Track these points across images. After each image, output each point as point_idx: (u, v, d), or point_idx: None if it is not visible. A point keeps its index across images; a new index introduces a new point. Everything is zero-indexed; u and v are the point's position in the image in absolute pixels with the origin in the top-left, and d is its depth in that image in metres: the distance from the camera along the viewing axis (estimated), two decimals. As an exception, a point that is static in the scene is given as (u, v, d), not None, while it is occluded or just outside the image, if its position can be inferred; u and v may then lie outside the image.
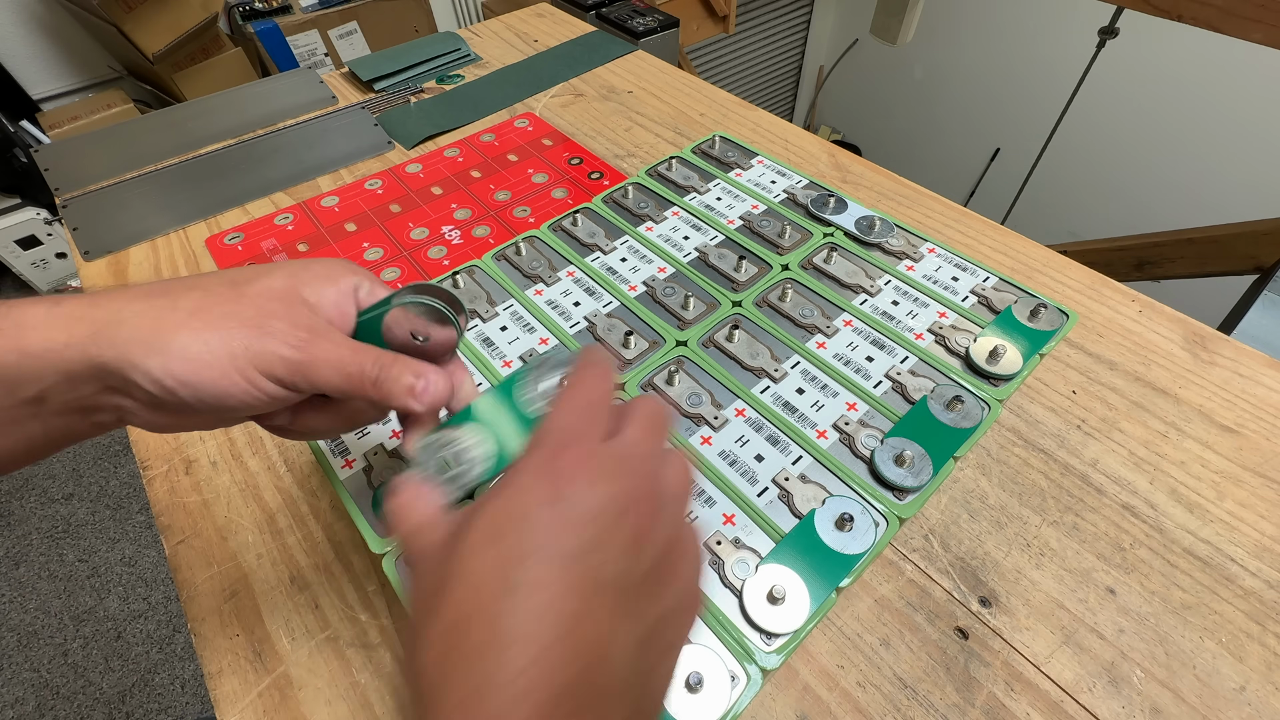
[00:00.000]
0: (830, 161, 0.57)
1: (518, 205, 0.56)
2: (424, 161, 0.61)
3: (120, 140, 0.66)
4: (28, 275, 1.67)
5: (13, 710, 1.10)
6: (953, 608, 0.31)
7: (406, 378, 0.24)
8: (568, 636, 0.15)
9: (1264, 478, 0.34)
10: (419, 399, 0.24)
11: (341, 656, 0.31)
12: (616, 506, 0.17)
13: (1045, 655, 0.29)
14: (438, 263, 0.51)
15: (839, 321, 0.41)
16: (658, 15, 1.22)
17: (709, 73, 2.24)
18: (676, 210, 0.49)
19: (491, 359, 0.39)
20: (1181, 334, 0.41)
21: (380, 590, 0.33)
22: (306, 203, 0.57)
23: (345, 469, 0.33)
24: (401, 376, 0.23)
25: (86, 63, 1.70)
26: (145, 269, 0.53)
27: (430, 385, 0.24)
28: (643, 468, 0.18)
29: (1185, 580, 0.31)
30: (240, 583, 0.34)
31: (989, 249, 0.48)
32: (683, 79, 0.71)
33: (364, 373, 0.23)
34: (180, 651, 1.17)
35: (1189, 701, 0.27)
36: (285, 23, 1.64)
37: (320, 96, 0.71)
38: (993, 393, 0.37)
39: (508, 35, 0.82)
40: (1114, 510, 0.33)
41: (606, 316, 0.41)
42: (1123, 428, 0.37)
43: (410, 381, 0.24)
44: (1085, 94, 1.39)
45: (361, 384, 0.23)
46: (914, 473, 0.33)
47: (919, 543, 0.33)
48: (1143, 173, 1.74)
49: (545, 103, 0.69)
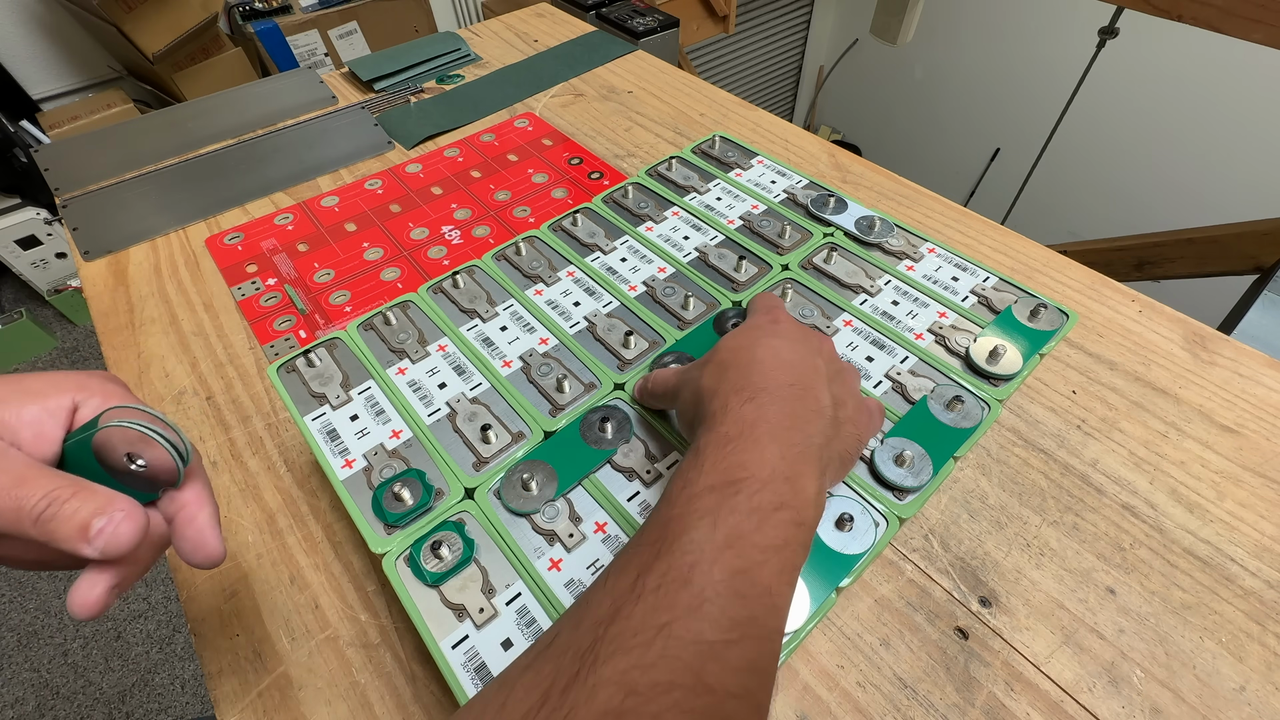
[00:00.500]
0: (830, 161, 0.57)
1: (518, 205, 0.56)
2: (424, 161, 0.61)
3: (120, 140, 0.66)
4: (28, 275, 1.67)
5: (13, 710, 1.10)
6: (953, 608, 0.31)
7: (81, 514, 0.19)
8: (791, 365, 0.27)
9: (1264, 478, 0.34)
10: (91, 543, 0.19)
11: (341, 656, 0.31)
12: (808, 333, 0.31)
13: (1045, 655, 0.29)
14: (438, 262, 0.51)
15: (839, 321, 0.41)
16: (658, 15, 1.22)
17: (709, 73, 2.24)
18: (676, 210, 0.49)
19: (491, 359, 0.39)
20: (1181, 334, 0.41)
21: (380, 590, 0.33)
22: (306, 203, 0.57)
23: (345, 469, 0.33)
24: (77, 513, 0.19)
25: (86, 63, 1.70)
26: (145, 269, 0.53)
27: (111, 527, 0.20)
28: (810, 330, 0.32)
29: (1185, 580, 0.31)
30: (240, 583, 0.34)
31: (989, 249, 0.48)
32: (683, 79, 0.71)
33: (21, 508, 0.19)
34: (180, 651, 1.17)
35: (1189, 701, 0.27)
36: (285, 23, 1.64)
37: (320, 96, 0.71)
38: (993, 393, 0.37)
39: (508, 35, 0.82)
40: (1114, 510, 0.34)
41: (606, 316, 0.41)
42: (1123, 428, 0.37)
43: (84, 519, 0.19)
44: (1085, 94, 1.39)
45: (19, 521, 0.19)
46: (914, 473, 0.33)
47: (919, 543, 0.33)
48: (1143, 173, 1.74)
49: (545, 103, 0.69)
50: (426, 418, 0.36)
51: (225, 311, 0.48)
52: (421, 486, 0.32)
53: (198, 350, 0.46)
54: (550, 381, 0.37)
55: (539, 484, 0.32)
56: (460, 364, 0.39)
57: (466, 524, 0.31)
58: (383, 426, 0.35)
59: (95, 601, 0.20)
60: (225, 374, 0.44)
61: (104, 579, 0.21)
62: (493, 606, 0.28)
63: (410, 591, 0.29)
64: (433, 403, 0.36)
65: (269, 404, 0.42)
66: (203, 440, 0.41)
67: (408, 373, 0.38)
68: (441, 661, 0.27)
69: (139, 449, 0.22)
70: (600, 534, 0.31)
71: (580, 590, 0.29)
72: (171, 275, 0.52)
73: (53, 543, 0.19)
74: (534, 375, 0.38)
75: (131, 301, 0.50)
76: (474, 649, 0.27)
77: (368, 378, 0.38)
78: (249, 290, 0.50)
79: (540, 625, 0.28)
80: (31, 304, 1.78)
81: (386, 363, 0.38)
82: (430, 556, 0.30)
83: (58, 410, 0.22)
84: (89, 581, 0.20)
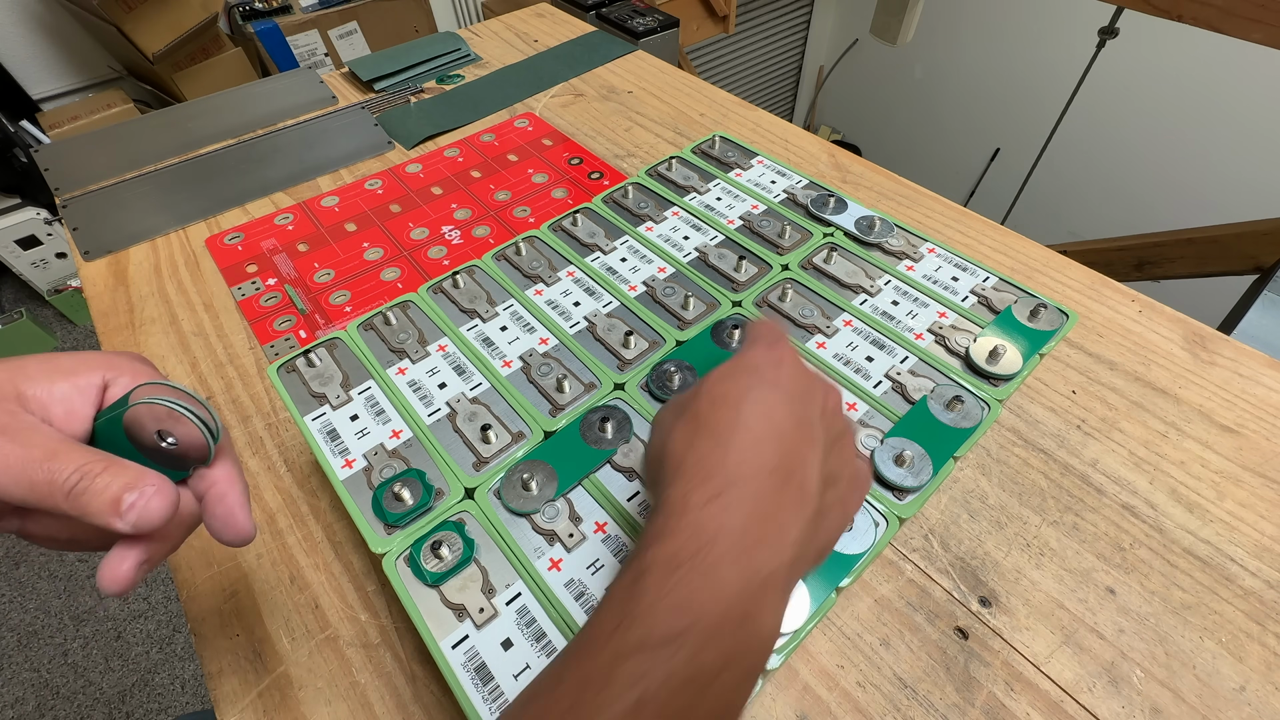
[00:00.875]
0: (830, 161, 0.57)
1: (518, 205, 0.56)
2: (424, 161, 0.61)
3: (120, 140, 0.66)
4: (28, 275, 1.67)
5: (13, 710, 1.10)
6: (953, 608, 0.31)
7: (113, 489, 0.19)
8: (780, 436, 0.22)
9: (1264, 478, 0.34)
10: (123, 517, 0.19)
11: (341, 656, 0.31)
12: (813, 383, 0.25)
13: (1045, 655, 0.29)
14: (438, 262, 0.51)
15: (839, 321, 0.41)
16: (658, 15, 1.22)
17: (709, 73, 2.24)
18: (676, 210, 0.49)
19: (491, 359, 0.39)
20: (1181, 334, 0.41)
21: (380, 590, 0.33)
22: (306, 203, 0.57)
23: (345, 469, 0.33)
24: (108, 488, 0.19)
25: (86, 63, 1.70)
26: (145, 269, 0.53)
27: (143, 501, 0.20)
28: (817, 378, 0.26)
29: (1185, 580, 0.31)
30: (240, 583, 0.34)
31: (989, 249, 0.48)
32: (683, 79, 0.71)
33: (54, 481, 0.19)
34: (180, 651, 1.17)
35: (1189, 701, 0.27)
36: (285, 23, 1.64)
37: (320, 96, 0.71)
38: (993, 393, 0.37)
39: (508, 35, 0.82)
40: (1114, 510, 0.34)
41: (606, 316, 0.41)
42: (1123, 428, 0.37)
43: (116, 493, 0.19)
44: (1085, 94, 1.39)
45: (51, 495, 0.19)
46: (914, 473, 0.33)
47: (919, 543, 0.33)
48: (1142, 173, 1.74)
49: (545, 103, 0.69)
50: (426, 418, 0.36)
51: (225, 311, 0.49)
52: (421, 486, 0.32)
53: (198, 350, 0.46)
54: (550, 381, 0.37)
55: (539, 484, 0.32)
56: (460, 364, 0.39)
57: (466, 524, 0.31)
58: (383, 426, 0.35)
59: (125, 576, 0.20)
60: (225, 374, 0.44)
61: (134, 554, 0.21)
62: (493, 606, 0.28)
63: (410, 591, 0.29)
64: (433, 403, 0.36)
65: (269, 404, 0.42)
66: (203, 440, 0.41)
67: (408, 373, 0.38)
68: (441, 661, 0.27)
69: (169, 426, 0.22)
70: (600, 534, 0.31)
71: (580, 590, 0.29)
72: (171, 275, 0.52)
73: (85, 517, 0.19)
74: (534, 375, 0.38)
75: (131, 301, 0.50)
76: (474, 649, 0.27)
77: (368, 378, 0.38)
78: (249, 290, 0.50)
79: (540, 625, 0.28)
80: (31, 304, 1.78)
81: (386, 363, 0.38)
82: (430, 556, 0.30)
83: (88, 388, 0.22)
84: (119, 556, 0.20)
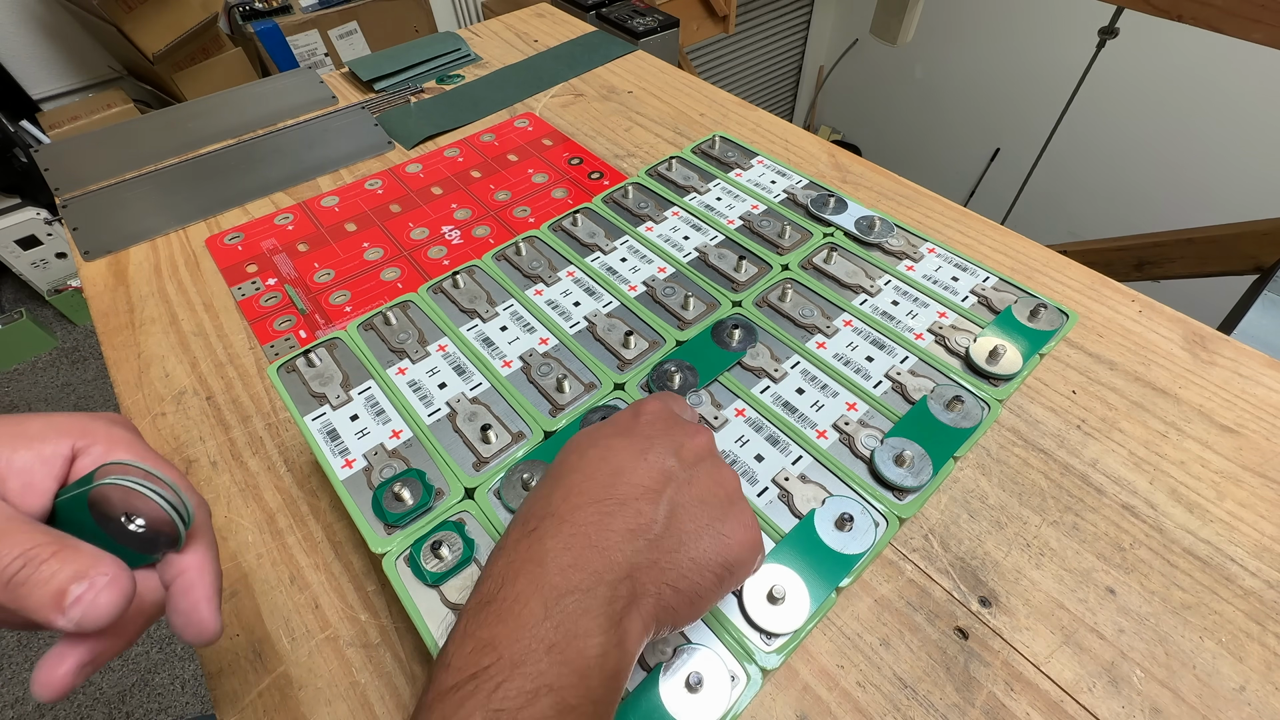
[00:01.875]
0: (830, 161, 0.57)
1: (518, 205, 0.56)
2: (424, 161, 0.61)
3: (120, 140, 0.66)
4: (28, 275, 1.67)
5: (13, 710, 1.10)
6: (953, 608, 0.31)
7: (59, 579, 0.17)
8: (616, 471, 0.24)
9: (1264, 478, 0.34)
10: (66, 613, 0.17)
11: (341, 656, 0.31)
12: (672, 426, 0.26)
13: (1045, 655, 0.29)
14: (438, 262, 0.51)
15: (839, 321, 0.41)
16: (658, 15, 1.22)
17: (709, 73, 2.24)
18: (676, 210, 0.49)
19: (492, 359, 0.39)
20: (1181, 334, 0.41)
21: (380, 590, 0.33)
22: (306, 203, 0.57)
23: (345, 469, 0.33)
24: (54, 577, 0.17)
25: (86, 63, 1.70)
26: (145, 269, 0.53)
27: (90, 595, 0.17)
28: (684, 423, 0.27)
29: (1185, 580, 0.31)
30: (240, 583, 0.34)
31: (989, 249, 0.48)
32: (683, 79, 0.71)
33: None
34: (180, 651, 1.17)
35: (1189, 701, 0.27)
36: (285, 23, 1.64)
37: (320, 96, 0.71)
38: (993, 393, 0.37)
39: (508, 35, 0.82)
40: (1114, 510, 0.33)
41: (606, 316, 0.41)
42: (1123, 428, 0.37)
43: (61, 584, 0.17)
44: (1085, 94, 1.39)
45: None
46: (914, 473, 0.33)
47: (919, 543, 0.33)
48: (1142, 172, 1.74)
49: (545, 103, 0.69)
50: (426, 418, 0.36)
51: (225, 311, 0.48)
52: (421, 486, 0.32)
53: (198, 350, 0.46)
54: (550, 381, 0.37)
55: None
56: (460, 364, 0.39)
57: (467, 524, 0.31)
58: (383, 426, 0.35)
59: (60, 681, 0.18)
60: (225, 374, 0.44)
61: (76, 653, 0.18)
62: (493, 606, 0.28)
63: (410, 591, 0.29)
64: (433, 403, 0.36)
65: (269, 404, 0.42)
66: (203, 440, 0.41)
67: (408, 373, 0.38)
68: (441, 661, 0.27)
69: (138, 507, 0.20)
70: (600, 534, 0.31)
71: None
72: (171, 275, 0.52)
73: (23, 611, 0.17)
74: (534, 375, 0.38)
75: (131, 301, 0.50)
76: (474, 649, 0.27)
77: (368, 378, 0.38)
78: (249, 290, 0.50)
79: (540, 625, 0.28)
80: (31, 304, 1.78)
81: (386, 363, 0.38)
82: (430, 556, 0.30)
83: (53, 458, 0.20)
84: (57, 655, 0.18)
